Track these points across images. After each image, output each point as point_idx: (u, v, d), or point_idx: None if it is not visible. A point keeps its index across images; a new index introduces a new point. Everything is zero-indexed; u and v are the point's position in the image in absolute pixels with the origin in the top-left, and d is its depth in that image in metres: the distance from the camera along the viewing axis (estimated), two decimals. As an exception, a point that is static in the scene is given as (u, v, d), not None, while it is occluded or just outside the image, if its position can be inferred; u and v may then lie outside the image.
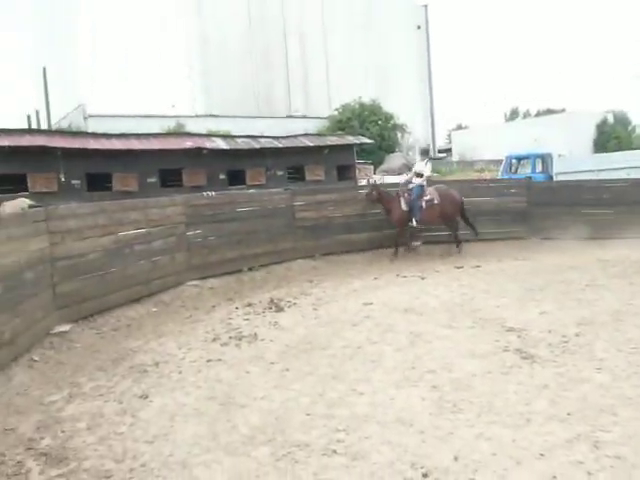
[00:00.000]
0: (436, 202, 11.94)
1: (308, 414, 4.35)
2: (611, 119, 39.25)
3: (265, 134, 23.15)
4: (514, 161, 21.50)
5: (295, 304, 8.20)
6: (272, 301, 8.34)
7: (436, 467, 3.47)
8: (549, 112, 48.81)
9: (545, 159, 20.77)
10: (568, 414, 4.10)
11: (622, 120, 39.79)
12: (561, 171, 19.68)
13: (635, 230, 12.43)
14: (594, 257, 10.89)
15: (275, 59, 39.78)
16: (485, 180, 19.93)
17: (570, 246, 12.23)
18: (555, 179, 19.39)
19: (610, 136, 37.54)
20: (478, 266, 10.64)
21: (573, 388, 4.57)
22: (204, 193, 11.16)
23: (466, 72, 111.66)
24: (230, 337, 6.60)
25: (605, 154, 25.43)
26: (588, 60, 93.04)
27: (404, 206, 11.90)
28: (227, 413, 4.46)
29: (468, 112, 72.20)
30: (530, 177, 16.25)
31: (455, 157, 39.96)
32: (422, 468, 3.47)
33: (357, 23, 38.32)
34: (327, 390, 4.79)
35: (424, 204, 11.84)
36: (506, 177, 20.08)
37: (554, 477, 3.31)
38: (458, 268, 10.56)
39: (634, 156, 19.92)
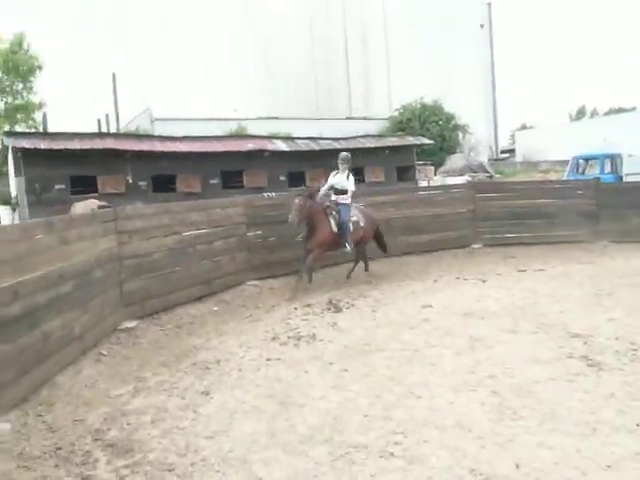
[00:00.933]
0: (362, 224, 10.09)
1: (366, 415, 4.34)
2: (686, 117, 37.34)
3: (325, 135, 23.30)
4: (581, 162, 20.81)
5: (353, 305, 8.19)
6: (330, 302, 8.35)
7: (496, 474, 3.40)
8: (620, 111, 46.95)
9: (614, 159, 20.00)
10: (637, 425, 3.94)
11: (698, 118, 37.80)
12: (631, 172, 18.85)
13: None
14: (667, 261, 10.41)
15: (336, 60, 39.95)
16: (550, 181, 19.40)
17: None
18: (625, 180, 18.64)
19: (685, 135, 35.74)
20: (542, 269, 10.34)
21: (643, 398, 4.39)
22: (264, 194, 11.28)
23: (531, 71, 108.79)
24: (289, 337, 6.66)
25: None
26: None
27: (334, 227, 9.63)
28: (286, 412, 4.51)
29: (533, 111, 70.28)
30: (598, 178, 15.68)
31: (519, 158, 38.99)
32: (481, 475, 3.41)
33: (419, 22, 37.98)
34: (385, 392, 4.78)
35: (351, 226, 9.84)
36: (572, 178, 19.46)
37: (621, 490, 3.19)
38: (521, 271, 10.29)
39: None
